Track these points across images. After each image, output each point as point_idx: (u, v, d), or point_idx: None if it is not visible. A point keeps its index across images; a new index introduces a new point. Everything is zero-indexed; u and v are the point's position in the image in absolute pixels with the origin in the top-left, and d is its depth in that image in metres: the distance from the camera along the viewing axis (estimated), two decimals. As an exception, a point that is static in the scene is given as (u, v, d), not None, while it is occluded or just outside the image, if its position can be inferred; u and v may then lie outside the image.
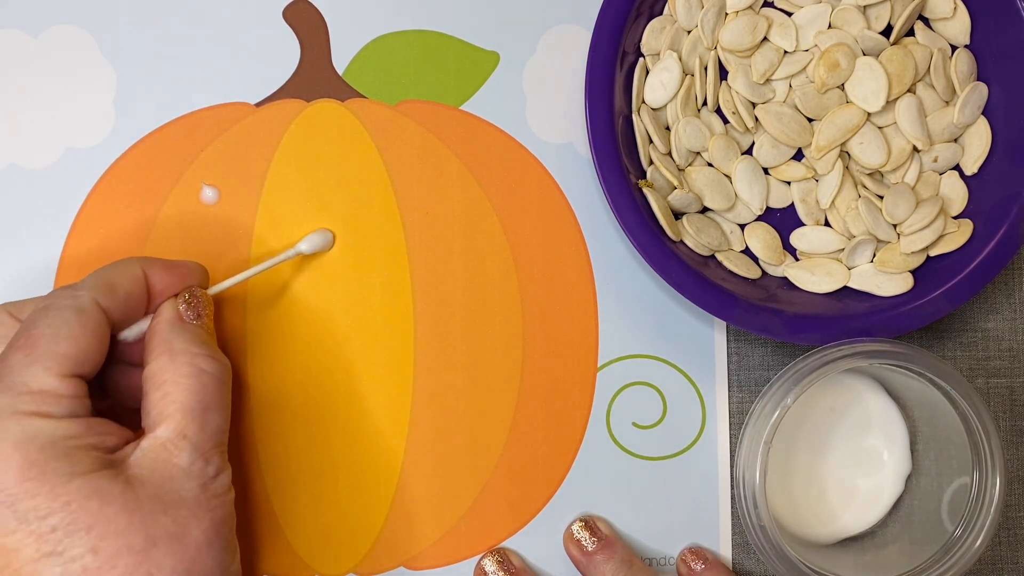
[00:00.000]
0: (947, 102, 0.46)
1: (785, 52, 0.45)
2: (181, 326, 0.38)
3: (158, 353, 0.38)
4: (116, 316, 0.38)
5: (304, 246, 0.44)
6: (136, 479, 0.35)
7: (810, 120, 0.45)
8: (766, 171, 0.46)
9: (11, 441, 0.33)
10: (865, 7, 0.45)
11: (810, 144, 0.45)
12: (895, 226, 0.45)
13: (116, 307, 0.37)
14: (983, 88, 0.45)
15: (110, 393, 0.40)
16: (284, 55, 0.46)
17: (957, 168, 0.46)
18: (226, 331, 0.45)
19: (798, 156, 0.46)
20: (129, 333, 0.39)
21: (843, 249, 0.45)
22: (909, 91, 0.45)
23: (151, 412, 0.37)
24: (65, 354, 0.35)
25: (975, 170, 0.46)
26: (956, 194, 0.46)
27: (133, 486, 0.35)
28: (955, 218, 0.46)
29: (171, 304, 0.39)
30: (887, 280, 0.45)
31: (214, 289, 0.41)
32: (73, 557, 0.33)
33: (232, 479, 0.38)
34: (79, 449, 0.34)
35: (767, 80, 0.45)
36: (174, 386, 0.37)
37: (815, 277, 0.45)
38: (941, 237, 0.45)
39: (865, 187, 0.45)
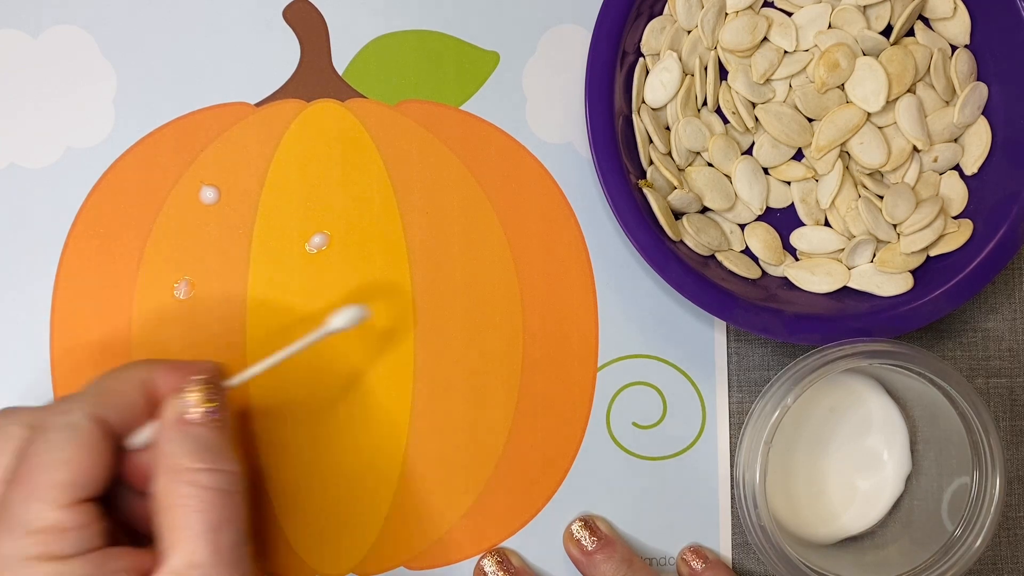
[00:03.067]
0: (947, 102, 0.46)
1: (785, 52, 0.45)
2: (181, 435, 0.35)
3: (160, 471, 0.35)
4: (119, 427, 0.35)
5: (338, 322, 0.40)
6: None
7: (810, 120, 0.45)
8: (766, 171, 0.46)
9: None
10: (865, 7, 0.45)
11: (810, 144, 0.45)
12: (895, 226, 0.45)
13: (117, 418, 0.35)
14: (983, 88, 0.45)
15: (123, 511, 0.37)
16: (284, 55, 0.46)
17: (957, 168, 0.46)
18: (226, 331, 0.45)
19: (798, 156, 0.46)
20: (136, 439, 0.36)
21: (843, 249, 0.45)
22: (909, 91, 0.45)
23: (162, 537, 0.34)
24: (64, 482, 0.32)
25: (975, 170, 0.46)
26: (956, 194, 0.46)
27: None
28: (955, 218, 0.46)
29: (173, 406, 0.36)
30: (887, 280, 0.45)
31: (237, 379, 0.38)
32: None
33: None
34: None
35: (767, 80, 0.45)
36: (179, 510, 0.34)
37: (815, 277, 0.45)
38: (941, 237, 0.45)
39: (865, 187, 0.45)
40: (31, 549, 0.32)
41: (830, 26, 0.45)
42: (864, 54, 0.45)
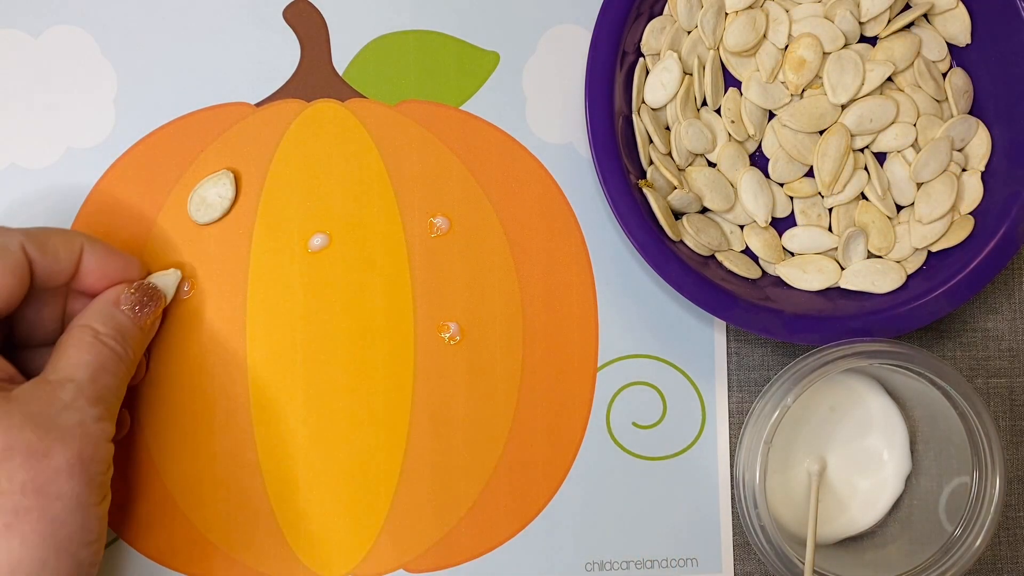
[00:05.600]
0: (946, 101, 0.46)
1: (784, 49, 0.45)
2: (108, 310, 0.40)
3: (75, 324, 0.39)
4: (39, 270, 0.39)
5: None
6: (14, 398, 0.36)
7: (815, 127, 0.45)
8: (766, 174, 0.46)
9: None
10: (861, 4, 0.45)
11: (815, 150, 0.45)
12: (895, 225, 0.45)
13: (41, 261, 0.39)
14: (982, 88, 0.45)
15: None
16: (284, 55, 0.46)
17: (959, 168, 0.46)
18: (226, 331, 0.45)
19: (810, 173, 0.46)
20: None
21: (836, 248, 0.45)
22: (909, 90, 0.45)
23: (46, 369, 0.38)
24: None
25: (976, 170, 0.46)
26: (960, 193, 0.45)
27: (10, 400, 0.36)
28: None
29: (115, 290, 0.41)
30: (882, 277, 0.45)
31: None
32: None
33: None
34: None
35: (775, 78, 0.45)
36: (74, 349, 0.38)
37: (807, 275, 0.45)
38: (943, 234, 0.45)
39: (867, 185, 0.45)
40: None
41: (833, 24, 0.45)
42: (863, 53, 0.45)
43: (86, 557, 0.37)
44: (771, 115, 0.46)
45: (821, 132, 0.45)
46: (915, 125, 0.45)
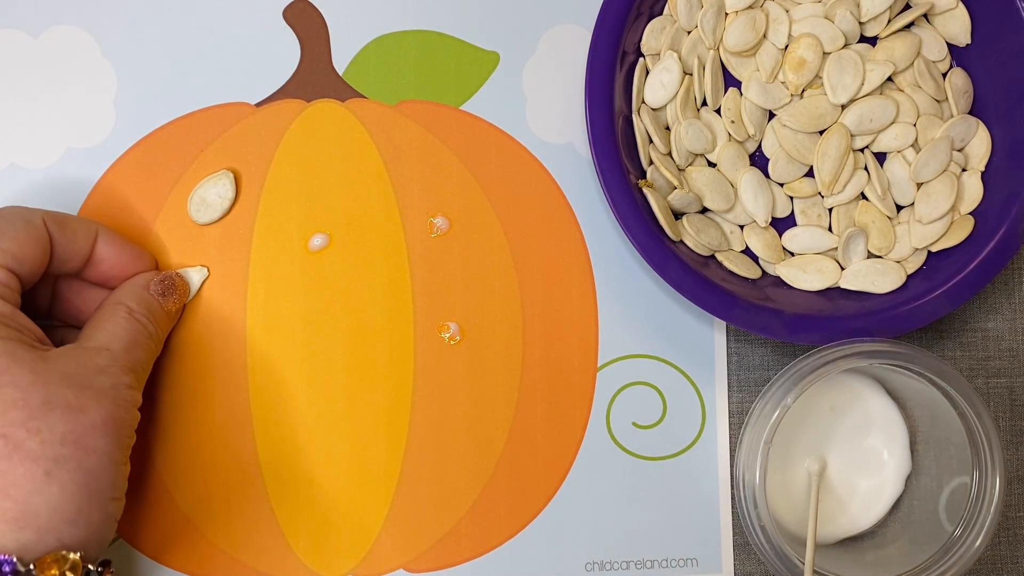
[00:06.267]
0: (946, 101, 0.46)
1: (784, 49, 0.45)
2: (140, 292, 0.42)
3: (106, 303, 0.42)
4: (58, 248, 0.40)
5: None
6: (50, 358, 0.38)
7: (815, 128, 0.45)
8: (766, 174, 0.46)
9: None
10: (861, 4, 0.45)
11: (815, 150, 0.45)
12: (895, 225, 0.45)
13: (60, 239, 0.40)
14: (982, 88, 0.45)
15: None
16: (284, 55, 0.46)
17: (959, 168, 0.46)
18: (226, 331, 0.45)
19: (810, 173, 0.46)
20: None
21: (836, 248, 0.45)
22: (909, 90, 0.45)
23: (81, 338, 0.40)
24: (5, 248, 0.38)
25: (977, 170, 0.46)
26: (960, 193, 0.45)
27: (47, 359, 0.37)
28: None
29: (146, 275, 0.43)
30: (881, 277, 0.45)
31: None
32: None
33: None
34: (2, 324, 0.37)
35: (775, 78, 0.45)
36: (108, 322, 0.40)
37: (806, 275, 0.45)
38: (943, 234, 0.45)
39: (867, 185, 0.45)
40: None
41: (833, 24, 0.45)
42: (863, 53, 0.45)
43: (113, 511, 0.38)
44: (771, 115, 0.46)
45: (821, 132, 0.45)
46: (915, 125, 0.45)
